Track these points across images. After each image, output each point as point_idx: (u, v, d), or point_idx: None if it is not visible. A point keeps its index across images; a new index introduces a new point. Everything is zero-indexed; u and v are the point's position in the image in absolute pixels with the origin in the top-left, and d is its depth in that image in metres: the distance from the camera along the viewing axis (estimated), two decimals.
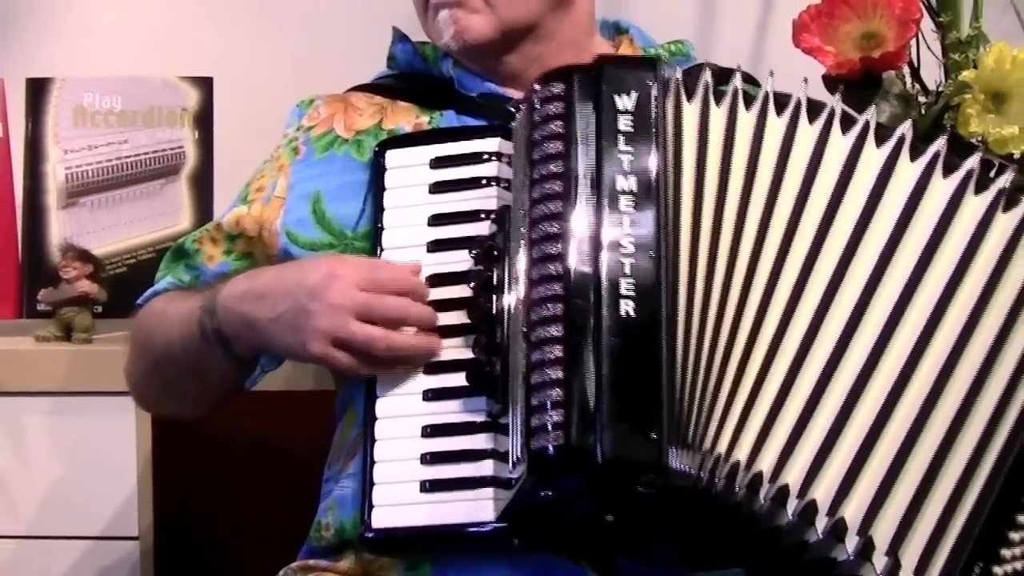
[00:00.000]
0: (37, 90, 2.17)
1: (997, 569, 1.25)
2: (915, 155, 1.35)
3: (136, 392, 1.67)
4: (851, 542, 1.22)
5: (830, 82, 1.79)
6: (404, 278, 1.36)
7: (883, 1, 1.78)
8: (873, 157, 1.34)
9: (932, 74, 2.00)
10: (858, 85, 1.77)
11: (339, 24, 2.33)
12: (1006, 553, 1.26)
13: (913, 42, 1.89)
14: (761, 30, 2.40)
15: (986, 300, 1.30)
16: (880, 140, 1.35)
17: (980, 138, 1.77)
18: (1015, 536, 1.26)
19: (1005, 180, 1.36)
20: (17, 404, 1.95)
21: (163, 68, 2.23)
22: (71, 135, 2.16)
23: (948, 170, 1.35)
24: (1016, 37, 1.90)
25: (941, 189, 1.34)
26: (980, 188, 1.35)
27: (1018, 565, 1.26)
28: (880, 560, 1.23)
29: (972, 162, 1.37)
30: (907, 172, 1.34)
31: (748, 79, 1.41)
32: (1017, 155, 1.81)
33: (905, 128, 1.37)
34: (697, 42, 2.36)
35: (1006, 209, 1.34)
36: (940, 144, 1.38)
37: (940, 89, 1.91)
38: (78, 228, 2.15)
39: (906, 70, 1.94)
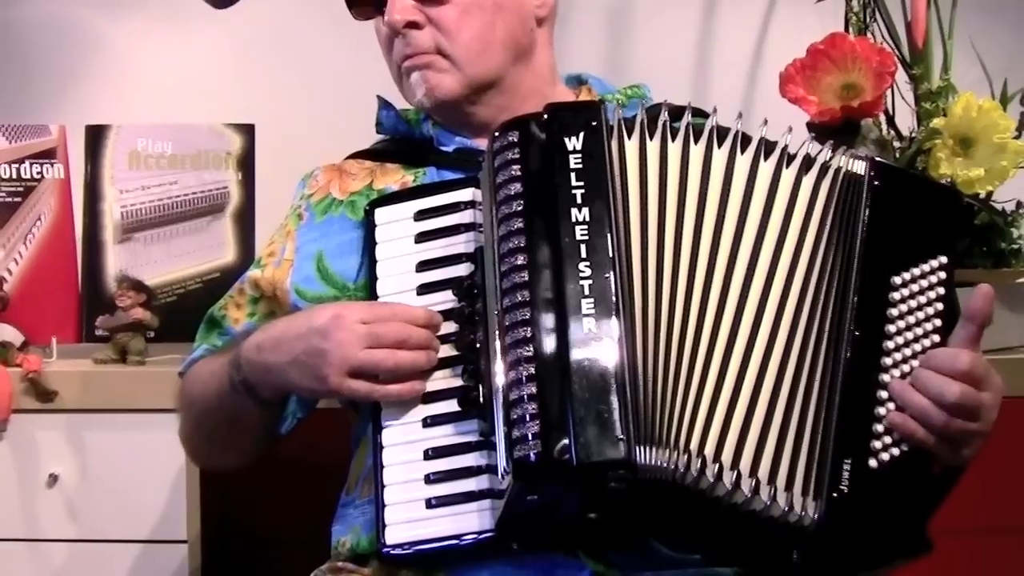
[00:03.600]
0: (95, 136, 2.18)
1: (872, 460, 1.29)
2: (790, 161, 1.37)
3: (188, 449, 1.68)
4: (744, 485, 1.26)
5: (814, 129, 1.81)
6: (399, 309, 1.39)
7: (861, 55, 1.80)
8: (765, 169, 1.37)
9: (906, 121, 2.02)
10: (839, 131, 1.79)
11: (370, 75, 2.34)
12: (876, 444, 1.29)
13: (888, 92, 1.91)
14: (751, 82, 2.41)
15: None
16: (767, 154, 1.38)
17: (950, 179, 1.79)
18: (879, 428, 1.29)
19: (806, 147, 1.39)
20: (77, 420, 1.95)
21: (209, 116, 2.23)
22: (126, 177, 2.17)
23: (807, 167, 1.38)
24: (982, 88, 1.91)
25: (806, 184, 1.37)
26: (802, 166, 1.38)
27: (894, 451, 1.29)
28: (764, 490, 1.27)
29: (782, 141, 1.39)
30: (783, 175, 1.37)
31: (700, 113, 1.44)
32: (983, 195, 1.83)
33: (785, 139, 1.38)
34: (692, 94, 2.40)
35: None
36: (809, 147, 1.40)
37: (913, 135, 1.94)
38: (132, 261, 2.15)
39: (882, 118, 1.97)
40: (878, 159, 1.39)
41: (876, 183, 1.35)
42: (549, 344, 1.25)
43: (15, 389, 1.94)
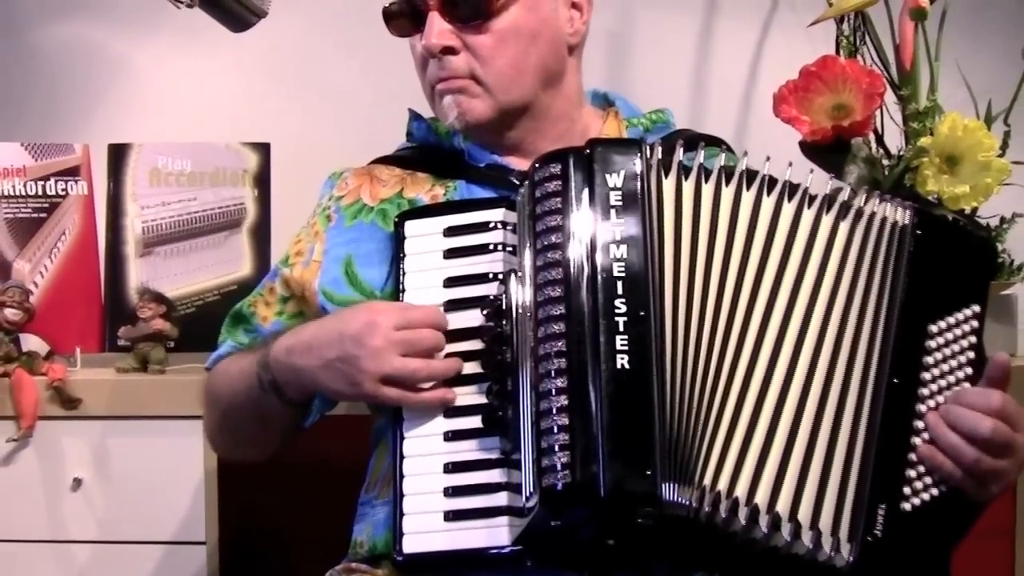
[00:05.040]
0: (118, 154, 2.18)
1: (905, 504, 1.28)
2: (811, 203, 1.37)
3: (213, 443, 1.67)
4: (785, 528, 1.26)
5: (806, 147, 1.82)
6: (431, 313, 1.38)
7: (852, 77, 1.80)
8: (787, 210, 1.36)
9: (894, 140, 2.03)
10: (830, 150, 1.80)
11: (382, 96, 2.35)
12: (907, 490, 1.29)
13: (878, 112, 1.92)
14: (746, 103, 2.42)
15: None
16: (791, 195, 1.37)
17: (936, 195, 1.80)
18: (912, 473, 1.29)
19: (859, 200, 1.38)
20: (100, 426, 1.96)
21: (227, 135, 2.24)
22: (147, 193, 2.17)
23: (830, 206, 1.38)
24: (967, 108, 1.92)
25: (825, 225, 1.36)
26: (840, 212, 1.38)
27: (925, 496, 1.29)
28: (806, 535, 1.26)
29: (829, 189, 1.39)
30: (823, 221, 1.37)
31: (712, 142, 1.43)
32: (968, 210, 1.84)
33: (807, 181, 1.38)
34: (689, 114, 2.41)
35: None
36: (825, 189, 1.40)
37: (901, 153, 1.95)
38: (153, 274, 2.16)
39: (872, 137, 1.98)
40: (921, 207, 1.38)
41: (919, 232, 1.34)
42: (582, 377, 1.24)
43: (41, 397, 1.96)
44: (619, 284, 1.27)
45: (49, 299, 2.14)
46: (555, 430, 1.23)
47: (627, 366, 1.24)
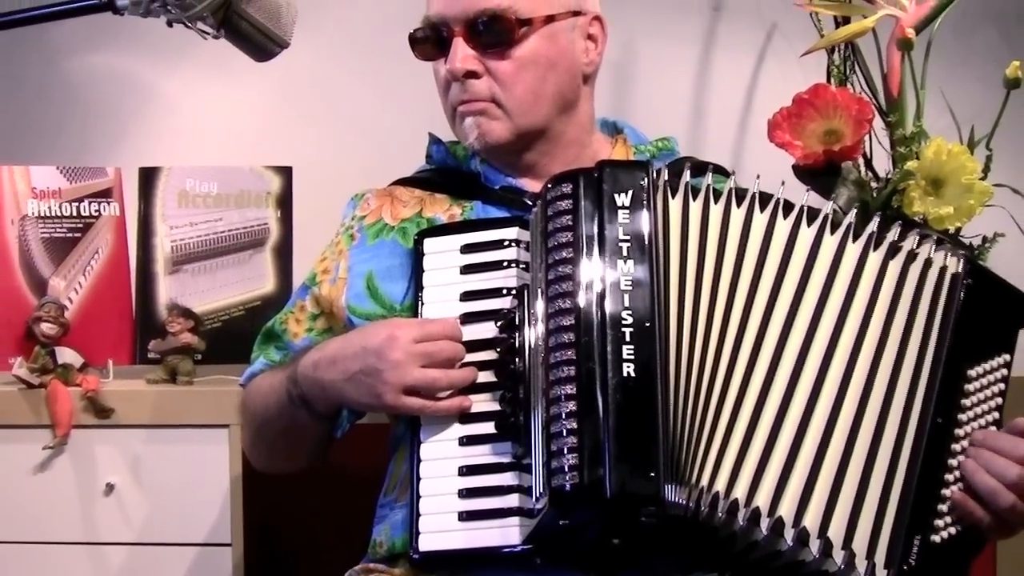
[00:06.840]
0: (148, 177, 2.20)
1: (935, 537, 1.30)
2: (834, 228, 1.39)
3: (251, 456, 1.69)
4: (814, 544, 1.27)
5: (799, 171, 1.83)
6: (448, 326, 1.40)
7: (842, 104, 1.81)
8: (806, 234, 1.38)
9: (882, 163, 2.05)
10: (822, 173, 1.81)
11: (397, 123, 2.37)
12: (939, 523, 1.30)
13: (867, 137, 1.93)
14: (741, 128, 2.44)
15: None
16: (810, 220, 1.39)
17: (922, 216, 1.81)
18: (943, 507, 1.30)
19: (894, 233, 1.39)
20: (131, 434, 1.98)
21: (251, 159, 2.26)
22: (176, 214, 2.19)
23: (855, 236, 1.39)
24: (951, 134, 1.93)
25: (850, 253, 1.38)
26: (877, 246, 1.39)
27: (952, 530, 1.30)
28: (838, 554, 1.27)
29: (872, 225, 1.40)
30: (829, 245, 1.38)
31: (719, 170, 1.45)
32: (952, 230, 1.85)
33: (828, 208, 1.40)
34: (688, 139, 2.42)
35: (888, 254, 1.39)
36: (851, 217, 1.41)
37: (889, 176, 1.96)
38: (181, 290, 2.17)
39: (861, 160, 1.99)
40: (971, 258, 1.40)
41: (968, 281, 1.35)
42: (590, 384, 1.26)
43: (75, 407, 1.97)
44: (626, 297, 1.29)
45: (83, 314, 2.15)
46: (564, 434, 1.25)
47: (633, 374, 1.26)
